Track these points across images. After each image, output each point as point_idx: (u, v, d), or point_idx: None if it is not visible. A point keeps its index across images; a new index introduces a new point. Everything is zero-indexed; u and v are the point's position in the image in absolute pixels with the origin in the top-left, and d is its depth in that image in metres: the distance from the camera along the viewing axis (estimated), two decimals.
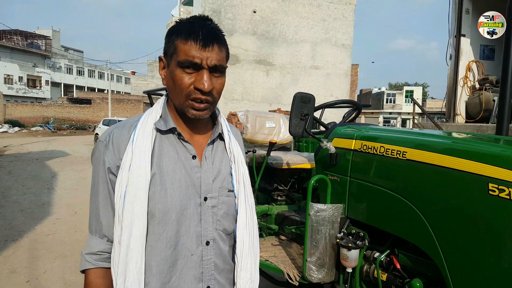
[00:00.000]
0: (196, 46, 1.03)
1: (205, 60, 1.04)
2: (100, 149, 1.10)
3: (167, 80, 1.11)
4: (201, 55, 1.03)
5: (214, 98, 1.09)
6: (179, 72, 1.05)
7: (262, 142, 3.64)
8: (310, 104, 2.25)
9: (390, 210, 1.89)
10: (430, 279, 1.76)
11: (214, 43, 1.05)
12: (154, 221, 1.05)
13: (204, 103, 1.07)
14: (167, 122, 1.12)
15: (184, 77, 1.05)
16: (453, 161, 1.60)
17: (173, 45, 1.06)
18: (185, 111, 1.08)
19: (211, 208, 1.13)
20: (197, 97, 1.05)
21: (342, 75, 17.42)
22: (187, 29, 1.05)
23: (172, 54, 1.07)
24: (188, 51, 1.03)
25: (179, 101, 1.08)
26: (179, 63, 1.04)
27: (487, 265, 1.49)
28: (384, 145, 1.93)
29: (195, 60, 1.03)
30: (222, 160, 1.19)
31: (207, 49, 1.04)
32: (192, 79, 1.05)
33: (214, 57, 1.05)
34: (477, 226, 1.52)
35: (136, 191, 1.02)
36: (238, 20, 15.39)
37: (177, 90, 1.07)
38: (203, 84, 1.04)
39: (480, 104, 8.11)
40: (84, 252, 1.10)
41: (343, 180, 2.19)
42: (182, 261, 1.09)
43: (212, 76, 1.07)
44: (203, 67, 1.04)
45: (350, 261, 2.00)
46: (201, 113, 1.08)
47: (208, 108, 1.09)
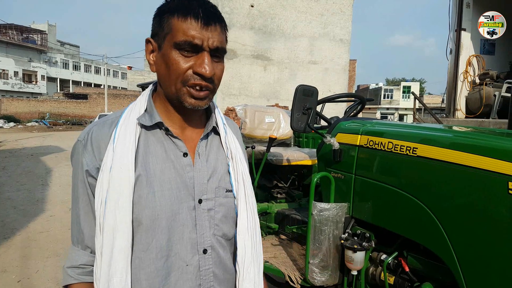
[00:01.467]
0: (196, 24, 0.89)
1: (207, 40, 0.90)
2: (78, 150, 0.96)
3: (157, 65, 0.96)
4: (202, 35, 0.89)
5: (215, 85, 0.95)
6: (175, 55, 0.91)
7: (261, 138, 3.52)
8: (313, 97, 2.13)
9: (399, 210, 1.77)
10: (442, 283, 1.66)
11: (217, 22, 0.92)
12: (141, 229, 0.91)
13: (204, 90, 0.93)
14: (153, 116, 0.98)
15: (180, 60, 0.90)
16: (468, 157, 1.48)
17: (167, 24, 0.92)
18: (182, 100, 0.93)
19: (207, 212, 0.99)
20: (196, 83, 0.91)
21: (340, 70, 17.33)
22: (184, 6, 0.91)
23: (166, 34, 0.92)
24: (187, 30, 0.89)
25: (174, 88, 0.93)
26: (176, 44, 0.90)
27: (504, 269, 1.38)
28: (393, 140, 1.81)
29: (195, 40, 0.89)
30: (218, 156, 1.05)
31: (209, 29, 0.90)
32: (190, 63, 0.91)
33: (217, 38, 0.91)
34: (495, 227, 1.41)
35: (119, 196, 0.88)
36: (236, 14, 15.23)
37: (171, 75, 0.92)
38: (205, 68, 0.90)
39: (481, 99, 8.01)
40: (66, 265, 0.97)
41: (347, 178, 2.07)
42: (176, 273, 0.95)
43: (212, 60, 0.93)
44: (203, 49, 0.90)
45: (355, 264, 1.89)
46: (200, 103, 0.94)
47: (208, 96, 0.95)
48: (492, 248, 1.42)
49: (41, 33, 50.78)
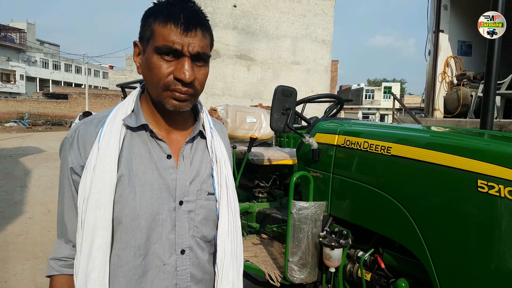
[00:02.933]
0: (176, 30, 0.90)
1: (187, 46, 0.91)
2: (66, 147, 0.99)
3: (142, 68, 0.98)
4: (182, 40, 0.91)
5: (196, 90, 0.97)
6: (156, 59, 0.92)
7: (243, 138, 3.54)
8: (292, 98, 2.16)
9: (375, 208, 1.82)
10: (416, 279, 1.70)
11: (198, 28, 0.93)
12: (121, 228, 0.94)
13: (184, 94, 0.95)
14: (138, 117, 1.00)
15: (162, 65, 0.92)
16: (440, 156, 1.53)
17: (150, 29, 0.94)
18: (164, 102, 0.95)
19: (187, 213, 1.01)
20: (177, 88, 0.93)
21: (322, 71, 17.50)
22: (167, 11, 0.92)
23: (149, 38, 0.94)
24: (167, 35, 0.90)
25: (156, 92, 0.95)
26: (157, 48, 0.92)
27: (475, 264, 1.43)
28: (368, 140, 1.85)
29: (175, 46, 0.91)
30: (202, 160, 1.07)
31: (189, 34, 0.91)
32: (171, 68, 0.92)
33: (197, 43, 0.93)
34: (465, 224, 1.46)
35: (100, 195, 0.91)
36: (219, 14, 15.23)
37: (153, 79, 0.94)
38: (184, 73, 0.91)
39: (458, 99, 8.20)
40: (50, 257, 1.01)
41: (325, 177, 2.11)
42: (153, 271, 0.98)
43: (194, 65, 0.94)
44: (184, 54, 0.92)
45: (333, 261, 1.93)
46: (181, 104, 0.96)
47: (189, 99, 0.97)
48: (463, 244, 1.47)
49: (20, 32, 49.64)
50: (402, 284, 1.68)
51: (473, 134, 1.93)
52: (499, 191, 1.34)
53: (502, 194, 1.34)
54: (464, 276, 1.46)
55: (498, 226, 1.37)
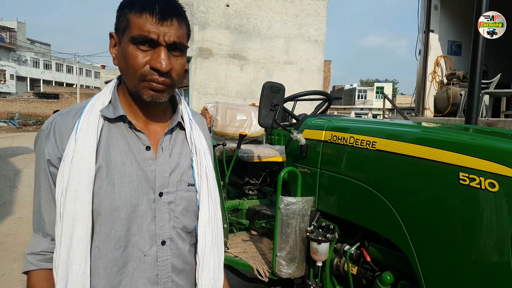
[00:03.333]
0: (152, 19, 0.90)
1: (163, 36, 0.91)
2: (41, 139, 0.97)
3: (118, 59, 0.97)
4: (158, 30, 0.91)
5: (173, 80, 0.96)
6: (132, 49, 0.92)
7: (233, 135, 3.55)
8: (280, 94, 2.17)
9: (360, 202, 1.84)
10: (401, 272, 1.73)
11: (173, 17, 0.93)
12: (101, 220, 0.94)
13: (161, 84, 0.94)
14: (116, 108, 0.99)
15: (138, 55, 0.92)
16: (423, 150, 1.56)
17: (125, 19, 0.93)
18: (141, 93, 0.95)
19: (167, 205, 1.01)
20: (153, 78, 0.93)
21: (315, 71, 17.55)
22: (142, 1, 0.92)
23: (125, 29, 0.94)
24: (142, 25, 0.90)
25: (133, 83, 0.95)
26: (132, 38, 0.91)
27: (458, 256, 1.45)
28: (354, 135, 1.88)
29: (151, 35, 0.90)
30: (182, 151, 1.07)
31: (165, 24, 0.91)
32: (147, 58, 0.92)
33: (173, 33, 0.92)
34: (447, 217, 1.49)
35: (78, 187, 0.90)
36: (211, 13, 15.20)
37: (130, 70, 0.93)
38: (160, 62, 0.91)
39: (448, 98, 8.29)
40: (27, 252, 0.99)
41: (313, 172, 2.13)
42: (134, 262, 0.98)
43: (171, 55, 0.94)
44: (160, 43, 0.92)
45: (320, 255, 1.95)
46: (159, 95, 0.95)
47: (166, 90, 0.97)
48: (446, 237, 1.49)
49: (10, 31, 49.15)
50: (387, 277, 1.71)
51: (455, 129, 1.96)
52: (480, 184, 1.37)
53: (483, 186, 1.36)
54: (447, 268, 1.49)
55: (479, 218, 1.39)
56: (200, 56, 15.14)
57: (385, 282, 1.70)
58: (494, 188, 1.34)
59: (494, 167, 1.35)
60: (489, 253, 1.37)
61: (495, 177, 1.33)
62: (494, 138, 1.59)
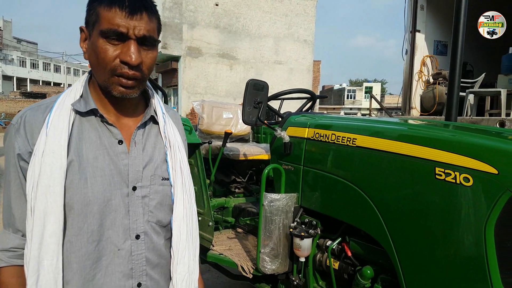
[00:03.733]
0: (121, 13, 0.91)
1: (132, 29, 0.92)
2: (11, 134, 0.96)
3: (89, 53, 0.98)
4: (128, 23, 0.91)
5: (144, 74, 0.97)
6: (102, 43, 0.92)
7: (219, 133, 3.56)
8: (264, 92, 2.19)
9: (342, 198, 1.87)
10: (381, 266, 1.76)
11: (143, 11, 0.94)
12: (73, 214, 0.93)
13: (132, 79, 0.95)
14: (88, 102, 0.99)
15: (108, 48, 0.92)
16: (401, 146, 1.59)
17: (95, 13, 0.94)
18: (111, 89, 0.95)
19: (141, 199, 1.02)
20: (123, 72, 0.93)
21: (304, 71, 17.65)
22: None
23: (94, 23, 0.94)
24: (112, 19, 0.91)
25: (103, 77, 0.95)
26: (102, 32, 0.92)
27: (435, 250, 1.49)
28: (336, 132, 1.91)
29: (121, 29, 0.91)
30: (156, 145, 1.07)
31: (134, 17, 0.92)
32: (117, 51, 0.93)
33: (143, 26, 0.93)
34: (424, 211, 1.52)
35: (50, 181, 0.90)
36: (200, 12, 15.18)
37: (100, 64, 0.94)
38: (130, 56, 0.92)
39: (434, 97, 8.39)
40: None
41: (297, 169, 2.15)
42: (108, 256, 0.98)
43: (141, 48, 0.95)
44: (130, 37, 0.93)
45: (303, 250, 1.97)
46: (128, 91, 0.96)
47: (136, 85, 0.97)
48: (423, 231, 1.52)
49: None
50: (367, 271, 1.74)
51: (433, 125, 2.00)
52: (455, 178, 1.40)
53: (458, 180, 1.40)
54: (424, 261, 1.52)
55: (454, 211, 1.42)
56: (189, 55, 15.11)
57: (366, 277, 1.74)
58: (468, 183, 1.37)
59: (469, 162, 1.39)
60: (464, 246, 1.40)
61: (469, 172, 1.37)
62: (469, 134, 1.63)
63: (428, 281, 1.51)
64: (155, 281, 1.05)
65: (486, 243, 1.32)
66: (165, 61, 15.67)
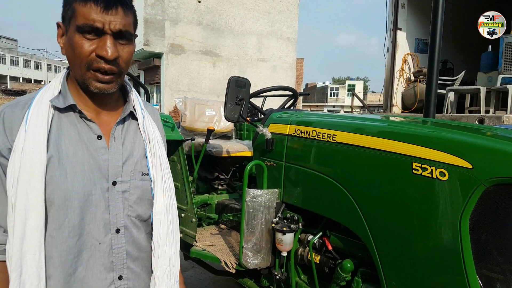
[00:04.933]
0: (96, 8, 0.92)
1: (108, 24, 0.93)
2: None
3: (66, 49, 0.99)
4: (103, 18, 0.93)
5: (121, 68, 0.98)
6: (78, 38, 0.93)
7: (202, 130, 3.56)
8: (245, 89, 2.20)
9: (322, 193, 1.90)
10: (361, 260, 1.79)
11: (118, 6, 0.95)
12: (54, 209, 0.94)
13: (109, 74, 0.96)
14: (66, 98, 1.00)
15: (84, 43, 0.93)
16: (379, 142, 1.63)
17: (71, 9, 0.95)
18: (88, 84, 0.97)
19: (121, 193, 1.03)
20: (100, 66, 0.94)
21: (287, 68, 17.70)
22: None
23: (70, 18, 0.95)
24: (87, 14, 0.92)
25: (79, 72, 0.96)
26: (78, 27, 0.93)
27: (412, 243, 1.52)
28: (316, 129, 1.93)
29: (96, 24, 0.92)
30: (135, 141, 1.09)
31: (109, 12, 0.93)
32: (93, 46, 0.94)
33: (119, 21, 0.94)
34: (402, 205, 1.55)
35: (30, 177, 0.91)
36: (183, 9, 15.06)
37: (76, 59, 0.95)
38: (106, 50, 0.93)
39: (415, 95, 8.54)
40: None
41: (278, 165, 2.17)
42: (89, 250, 0.99)
43: (117, 43, 0.96)
44: (105, 32, 0.94)
45: (285, 245, 1.99)
46: (106, 86, 0.97)
47: (114, 80, 0.98)
48: (401, 224, 1.56)
49: None
50: (347, 264, 1.77)
51: (411, 122, 2.05)
52: (431, 173, 1.44)
53: (434, 175, 1.43)
54: (402, 254, 1.56)
55: (431, 205, 1.46)
56: (172, 52, 14.99)
57: (346, 270, 1.77)
58: (444, 177, 1.41)
59: (444, 157, 1.43)
60: (441, 239, 1.44)
61: (445, 167, 1.41)
62: (445, 129, 1.68)
63: (406, 273, 1.56)
64: (136, 274, 1.07)
65: (461, 235, 1.36)
66: (148, 58, 15.52)
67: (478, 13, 6.73)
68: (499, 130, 1.79)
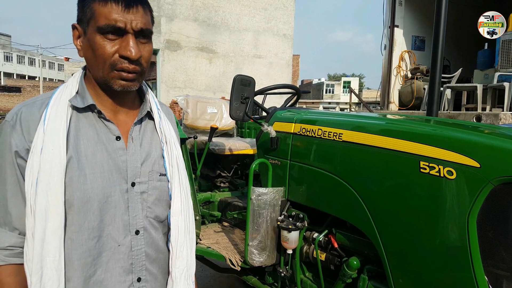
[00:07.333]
0: (118, 8, 0.91)
1: (130, 23, 0.92)
2: (6, 131, 0.94)
3: (84, 50, 0.98)
4: (125, 17, 0.92)
5: (143, 67, 0.98)
6: (99, 40, 0.92)
7: (204, 128, 3.56)
8: (250, 87, 2.21)
9: (328, 191, 1.92)
10: (367, 257, 1.81)
11: (138, 4, 0.94)
12: (73, 211, 0.93)
13: (133, 73, 0.96)
14: (85, 98, 0.99)
15: (106, 44, 0.92)
16: (386, 141, 1.64)
17: (89, 9, 0.93)
18: (111, 83, 0.96)
19: (140, 194, 1.02)
20: (124, 66, 0.94)
21: (284, 65, 17.67)
22: None
23: (90, 19, 0.94)
24: (108, 14, 0.91)
25: (102, 73, 0.95)
26: (99, 28, 0.92)
27: (419, 241, 1.54)
28: (322, 127, 1.94)
29: (118, 24, 0.91)
30: (152, 141, 1.08)
31: (131, 11, 0.92)
32: (116, 47, 0.93)
33: (140, 19, 0.94)
34: (409, 203, 1.57)
35: (50, 178, 0.90)
36: (179, 5, 14.97)
37: (98, 60, 0.94)
38: (130, 50, 0.93)
39: (412, 92, 8.57)
40: None
41: (283, 164, 2.19)
42: (108, 252, 0.98)
43: (139, 42, 0.96)
44: (127, 31, 0.93)
45: (290, 243, 2.01)
46: (129, 84, 0.97)
47: (137, 79, 0.98)
48: (408, 222, 1.58)
49: None
50: (354, 262, 1.79)
51: (417, 121, 2.07)
52: (439, 171, 1.46)
53: (442, 174, 1.45)
54: (409, 252, 1.58)
55: (439, 204, 1.48)
56: (168, 49, 14.91)
57: (352, 267, 1.79)
58: (452, 176, 1.43)
59: (452, 156, 1.44)
60: (448, 237, 1.45)
61: (453, 165, 1.42)
62: (452, 129, 1.70)
63: (413, 271, 1.57)
64: (153, 275, 1.07)
65: (469, 234, 1.37)
66: None
67: (474, 10, 6.76)
68: (506, 129, 1.81)
